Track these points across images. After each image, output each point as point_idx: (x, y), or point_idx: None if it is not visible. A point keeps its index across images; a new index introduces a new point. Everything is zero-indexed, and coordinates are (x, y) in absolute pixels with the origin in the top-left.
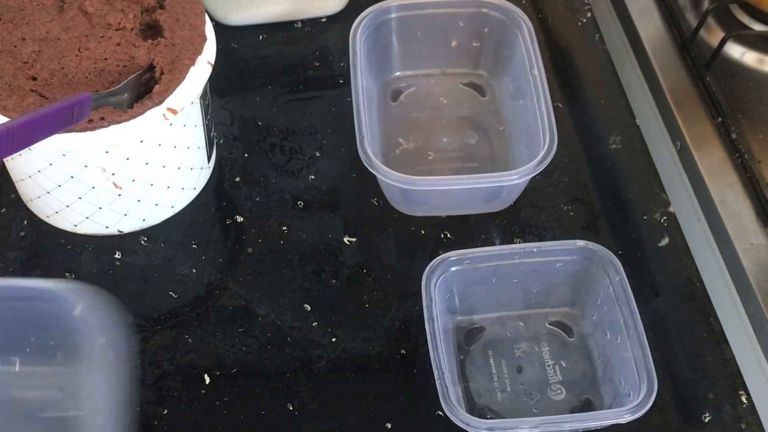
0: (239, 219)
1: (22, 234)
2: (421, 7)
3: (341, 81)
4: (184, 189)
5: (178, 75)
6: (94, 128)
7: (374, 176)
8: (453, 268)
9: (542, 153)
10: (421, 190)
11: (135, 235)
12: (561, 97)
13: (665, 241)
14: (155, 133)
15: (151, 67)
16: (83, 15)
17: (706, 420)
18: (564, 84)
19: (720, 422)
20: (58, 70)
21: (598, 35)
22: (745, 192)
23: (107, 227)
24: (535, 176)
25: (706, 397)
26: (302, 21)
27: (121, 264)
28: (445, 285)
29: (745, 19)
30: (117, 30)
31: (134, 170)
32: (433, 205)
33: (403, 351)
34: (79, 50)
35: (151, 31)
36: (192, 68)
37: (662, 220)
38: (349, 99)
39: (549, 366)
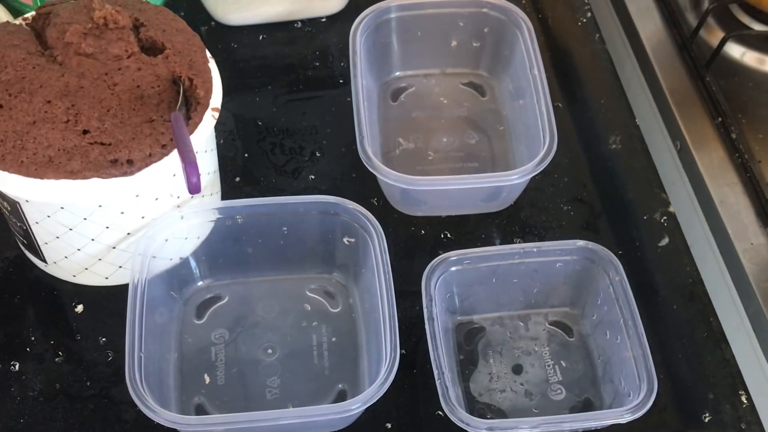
0: (239, 219)
1: None
2: (421, 7)
3: (341, 81)
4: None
5: (204, 75)
6: (166, 154)
7: (374, 176)
8: (453, 268)
9: (542, 153)
10: (421, 190)
11: None
12: (561, 97)
13: (665, 241)
14: (209, 138)
15: (175, 79)
16: (87, 57)
17: (706, 420)
18: (564, 84)
19: (720, 422)
20: (105, 114)
21: (598, 35)
22: (745, 192)
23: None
24: (535, 176)
25: (706, 397)
26: (302, 21)
27: None
28: (445, 285)
29: (745, 19)
30: (128, 58)
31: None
32: (433, 205)
33: (403, 351)
34: (109, 88)
35: (151, 48)
36: (209, 64)
37: (662, 220)
38: (349, 99)
39: (549, 366)
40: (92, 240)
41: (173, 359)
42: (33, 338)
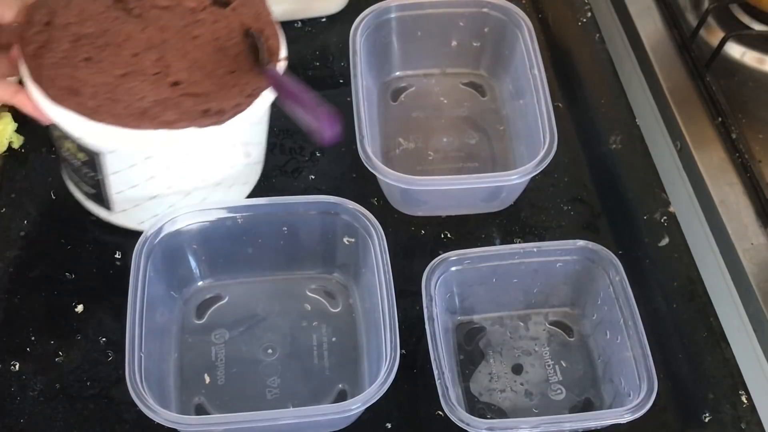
0: (239, 219)
1: (22, 234)
2: (421, 7)
3: (341, 81)
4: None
5: (271, 27)
6: (250, 103)
7: (374, 176)
8: (453, 268)
9: (542, 153)
10: (421, 189)
11: (134, 235)
12: (561, 97)
13: (665, 241)
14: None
15: (246, 30)
16: (163, 11)
17: (706, 420)
18: (564, 84)
19: (720, 422)
20: (191, 66)
21: (598, 35)
22: (745, 192)
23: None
24: (535, 176)
25: (706, 397)
26: (302, 21)
27: (121, 264)
28: (445, 285)
29: (745, 19)
30: (202, 10)
31: (256, 135)
32: (433, 205)
33: (403, 351)
34: (191, 40)
35: (219, 0)
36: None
37: (662, 220)
38: (349, 99)
39: (549, 366)
40: (168, 187)
41: (173, 359)
42: (33, 338)
